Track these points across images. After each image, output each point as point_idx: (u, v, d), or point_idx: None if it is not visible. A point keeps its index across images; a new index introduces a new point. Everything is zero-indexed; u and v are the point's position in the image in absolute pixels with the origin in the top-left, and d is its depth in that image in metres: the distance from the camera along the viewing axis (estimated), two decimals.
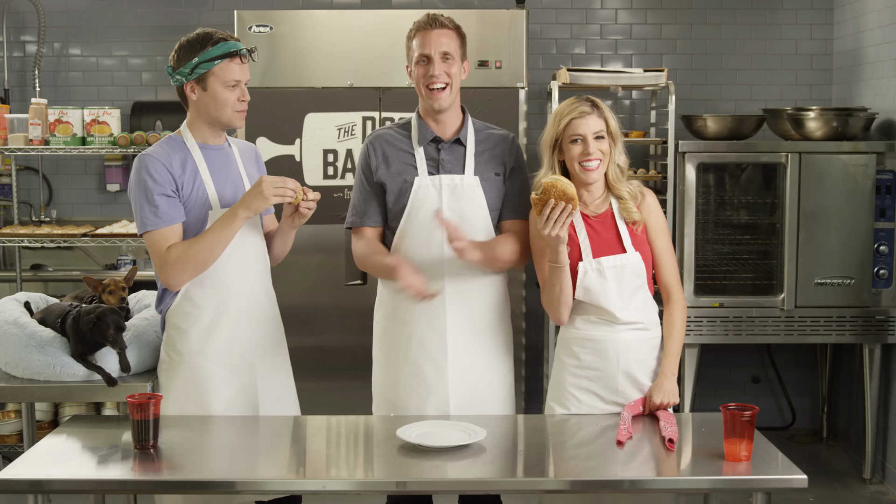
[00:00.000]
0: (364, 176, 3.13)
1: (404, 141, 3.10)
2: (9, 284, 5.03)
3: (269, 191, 2.83)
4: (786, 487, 2.47)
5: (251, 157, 3.16)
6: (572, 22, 5.38)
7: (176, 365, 2.94)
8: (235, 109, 2.95)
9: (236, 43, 2.94)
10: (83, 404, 4.86)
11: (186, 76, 2.91)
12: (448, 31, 3.04)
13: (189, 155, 2.95)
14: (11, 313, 3.12)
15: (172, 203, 2.88)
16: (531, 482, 2.51)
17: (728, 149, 4.67)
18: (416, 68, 3.05)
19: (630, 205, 2.95)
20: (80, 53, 5.39)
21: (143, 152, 2.93)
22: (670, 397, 2.86)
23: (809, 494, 4.51)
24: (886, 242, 4.62)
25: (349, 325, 4.54)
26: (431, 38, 3.01)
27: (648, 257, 2.95)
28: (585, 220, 2.95)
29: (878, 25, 4.75)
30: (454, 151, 3.08)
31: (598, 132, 2.89)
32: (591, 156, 2.88)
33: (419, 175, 3.05)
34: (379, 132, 3.16)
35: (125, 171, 5.34)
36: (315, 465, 2.62)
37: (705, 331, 4.62)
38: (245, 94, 2.97)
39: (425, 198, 3.04)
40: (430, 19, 3.04)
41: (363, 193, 3.12)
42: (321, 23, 4.62)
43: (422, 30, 3.04)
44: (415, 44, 3.05)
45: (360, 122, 4.60)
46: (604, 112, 2.92)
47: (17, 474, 2.46)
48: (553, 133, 2.94)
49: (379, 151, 3.10)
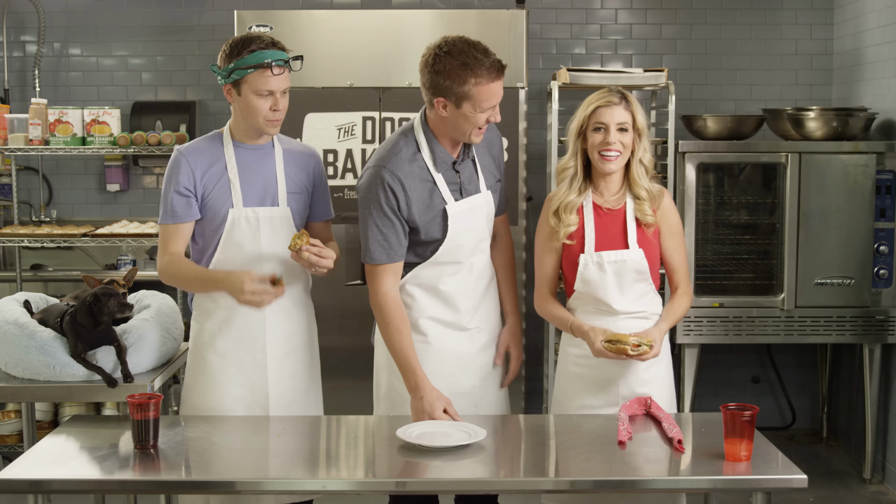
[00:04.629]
0: (391, 210, 2.87)
1: (420, 169, 2.90)
2: (9, 284, 5.03)
3: (246, 295, 2.83)
4: (786, 487, 2.47)
5: (302, 161, 3.10)
6: (572, 22, 5.38)
7: (192, 353, 3.07)
8: (267, 118, 2.93)
9: (273, 52, 2.89)
10: (83, 404, 4.86)
11: (225, 79, 2.93)
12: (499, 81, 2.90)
13: (222, 153, 3.00)
14: (11, 313, 3.12)
15: (185, 203, 2.96)
16: (531, 482, 2.51)
17: (728, 149, 4.67)
18: (476, 115, 2.84)
19: (646, 206, 2.94)
20: (80, 53, 5.39)
21: (179, 146, 3.03)
22: (649, 335, 2.85)
23: (809, 494, 4.51)
24: (886, 242, 4.62)
25: (349, 325, 4.53)
26: (494, 92, 2.84)
27: (655, 256, 2.95)
28: (597, 212, 2.97)
29: (878, 25, 4.75)
30: (465, 169, 2.99)
31: (622, 124, 2.89)
32: (611, 146, 2.88)
33: (448, 203, 2.91)
34: (389, 163, 2.88)
35: (125, 171, 5.35)
36: (315, 465, 2.62)
37: (705, 331, 4.62)
38: (278, 104, 2.92)
39: (461, 225, 2.94)
40: (497, 68, 2.82)
41: (388, 228, 2.88)
42: (321, 23, 4.62)
43: (487, 79, 2.83)
44: (477, 89, 2.81)
45: (360, 122, 4.60)
46: (632, 105, 2.91)
47: (17, 474, 2.46)
48: (579, 120, 2.95)
49: (406, 185, 2.87)
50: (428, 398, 2.82)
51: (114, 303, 2.98)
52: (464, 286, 3.02)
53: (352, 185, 4.61)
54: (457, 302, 3.02)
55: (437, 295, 3.00)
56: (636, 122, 2.91)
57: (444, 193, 2.92)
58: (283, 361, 3.05)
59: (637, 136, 2.92)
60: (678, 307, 3.00)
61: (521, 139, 4.61)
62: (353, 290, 4.54)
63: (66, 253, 5.26)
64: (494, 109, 2.85)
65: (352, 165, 4.61)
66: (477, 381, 3.05)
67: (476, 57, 2.78)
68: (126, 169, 5.35)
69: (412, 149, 2.91)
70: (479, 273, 3.05)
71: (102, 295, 2.98)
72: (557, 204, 2.98)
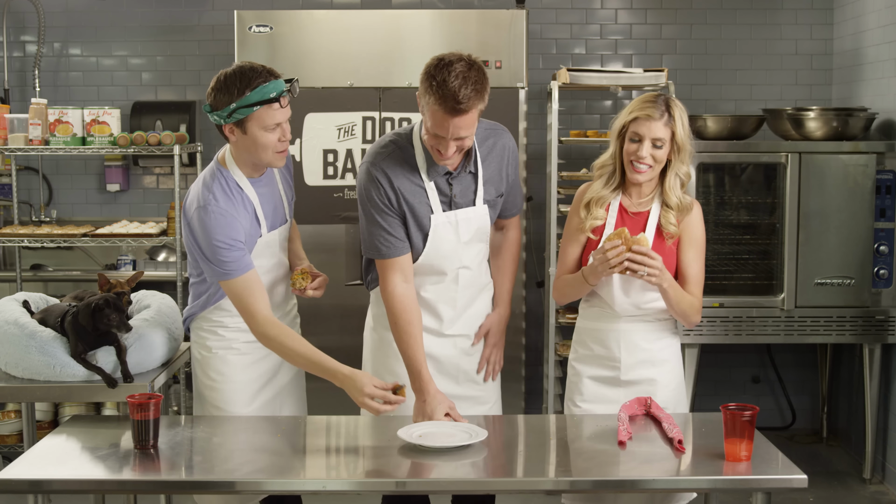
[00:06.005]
0: (386, 207, 2.87)
1: (411, 172, 2.88)
2: (9, 284, 5.03)
3: (365, 399, 2.70)
4: (786, 487, 2.47)
5: (284, 171, 3.11)
6: (572, 22, 5.38)
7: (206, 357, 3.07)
8: (276, 151, 2.84)
9: (277, 84, 2.76)
10: (83, 404, 4.86)
11: (225, 119, 2.79)
12: (469, 116, 2.72)
13: (246, 197, 2.90)
14: (11, 313, 3.12)
15: (242, 254, 2.85)
16: (531, 482, 2.51)
17: (728, 149, 4.66)
18: (430, 137, 2.79)
19: (672, 216, 2.92)
20: (80, 53, 5.39)
21: (211, 209, 2.80)
22: (648, 259, 2.80)
23: (809, 494, 4.51)
24: (886, 242, 4.62)
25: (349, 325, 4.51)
26: (450, 126, 2.72)
27: (669, 266, 2.93)
28: (622, 213, 2.97)
29: (878, 25, 4.75)
30: (462, 181, 2.93)
31: (659, 140, 2.86)
32: (643, 160, 2.87)
33: (434, 213, 2.90)
34: (379, 160, 2.88)
35: (125, 171, 5.35)
36: (315, 465, 2.62)
37: (705, 331, 4.62)
38: (286, 134, 2.83)
39: (444, 236, 2.93)
40: (451, 107, 2.68)
41: (388, 222, 2.87)
42: (321, 23, 4.62)
43: (443, 112, 2.72)
44: (430, 114, 2.74)
45: (360, 122, 4.60)
46: (674, 121, 2.86)
47: (17, 474, 2.46)
48: (620, 122, 2.95)
49: (387, 182, 2.86)
50: (430, 402, 2.82)
51: (115, 317, 2.96)
52: (447, 295, 3.01)
53: (352, 186, 4.62)
54: (437, 309, 3.02)
55: (420, 300, 2.98)
56: (675, 137, 2.87)
57: (431, 202, 2.90)
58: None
59: (676, 150, 2.89)
60: (685, 295, 2.93)
61: (521, 139, 4.62)
62: (354, 290, 4.54)
63: (66, 253, 5.26)
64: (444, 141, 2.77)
65: (352, 165, 4.61)
66: (458, 384, 3.06)
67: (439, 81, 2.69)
68: (126, 169, 5.36)
69: (407, 152, 2.89)
70: (466, 283, 3.03)
71: (108, 306, 2.97)
72: (589, 197, 2.99)
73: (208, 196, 2.83)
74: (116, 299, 3.00)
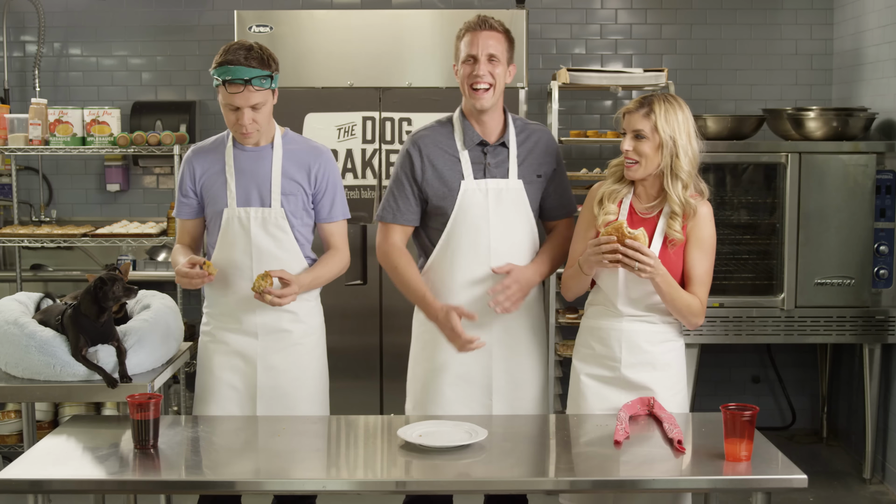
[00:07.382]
0: (405, 175, 3.11)
1: (448, 143, 3.11)
2: (9, 284, 5.03)
3: (181, 282, 3.03)
4: (786, 487, 2.47)
5: (303, 160, 3.11)
6: (572, 22, 5.38)
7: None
8: (236, 130, 3.04)
9: (236, 69, 2.91)
10: (83, 404, 4.86)
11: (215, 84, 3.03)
12: (497, 33, 3.04)
13: (223, 154, 3.09)
14: (11, 313, 3.12)
15: (184, 203, 3.13)
16: (531, 482, 2.51)
17: (728, 149, 4.66)
18: (463, 67, 3.06)
19: (676, 223, 2.90)
20: (80, 53, 5.39)
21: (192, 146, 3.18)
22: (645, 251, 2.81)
23: (809, 494, 4.51)
24: (886, 242, 4.62)
25: (349, 325, 4.53)
26: (479, 39, 3.02)
27: (675, 273, 2.91)
28: (631, 214, 2.97)
29: (878, 25, 4.75)
30: (498, 154, 3.11)
31: (638, 131, 2.87)
32: (627, 153, 2.90)
33: (465, 179, 3.07)
34: (421, 133, 3.15)
35: (125, 171, 5.35)
36: (315, 466, 2.62)
37: (705, 331, 4.62)
38: (242, 120, 2.96)
39: (472, 202, 3.06)
40: (480, 21, 3.04)
41: (400, 191, 3.12)
42: (321, 23, 4.62)
43: (471, 30, 3.05)
44: (463, 43, 3.06)
45: (360, 122, 4.60)
46: (654, 113, 2.85)
47: (17, 474, 2.46)
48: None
49: (424, 153, 3.09)
50: (440, 315, 3.01)
51: (118, 287, 3.01)
52: (476, 261, 3.06)
53: (352, 186, 4.61)
54: (470, 274, 3.08)
55: (452, 288, 3.08)
56: (658, 130, 2.84)
57: (465, 170, 3.07)
58: (274, 357, 3.12)
59: (665, 147, 2.85)
60: (682, 294, 2.90)
61: None
62: (354, 290, 4.54)
63: (65, 253, 5.26)
64: None
65: (352, 165, 4.61)
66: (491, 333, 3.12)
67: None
68: (126, 169, 5.36)
69: (446, 128, 3.14)
70: (499, 263, 3.08)
71: (108, 279, 2.99)
72: (602, 193, 3.00)
73: (195, 144, 3.21)
74: (113, 273, 3.05)
